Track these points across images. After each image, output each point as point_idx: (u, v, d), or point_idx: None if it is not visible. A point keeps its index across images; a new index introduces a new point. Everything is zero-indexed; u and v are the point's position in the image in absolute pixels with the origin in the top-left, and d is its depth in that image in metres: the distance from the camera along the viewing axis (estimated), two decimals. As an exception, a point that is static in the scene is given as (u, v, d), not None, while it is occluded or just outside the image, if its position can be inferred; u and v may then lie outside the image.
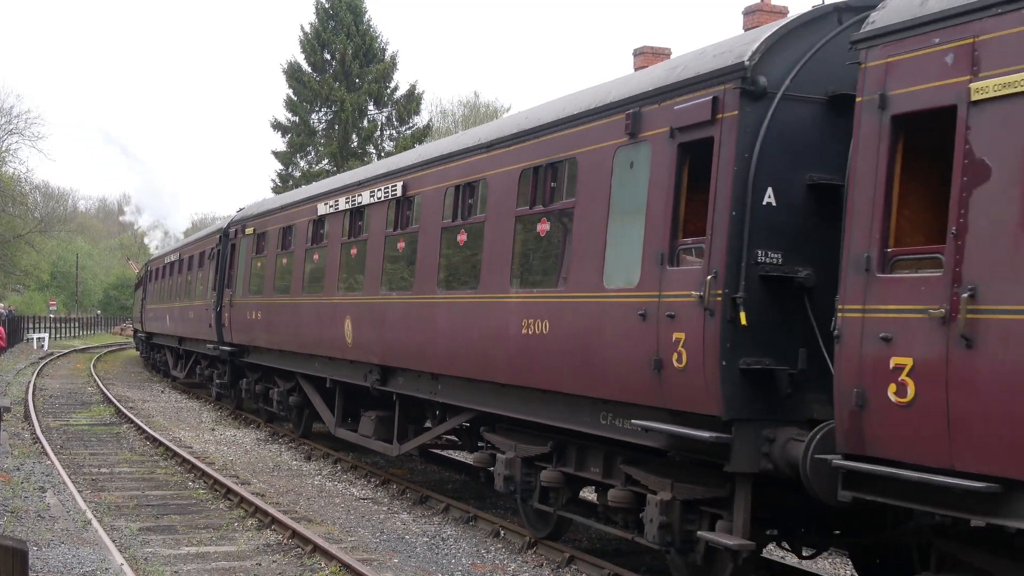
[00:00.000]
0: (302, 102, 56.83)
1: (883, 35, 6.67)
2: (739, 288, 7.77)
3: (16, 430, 21.19)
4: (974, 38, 6.09)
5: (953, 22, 6.23)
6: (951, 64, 6.18)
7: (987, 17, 6.04)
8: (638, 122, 8.90)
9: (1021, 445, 5.73)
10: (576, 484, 10.76)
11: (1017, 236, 5.79)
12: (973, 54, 6.08)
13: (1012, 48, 5.89)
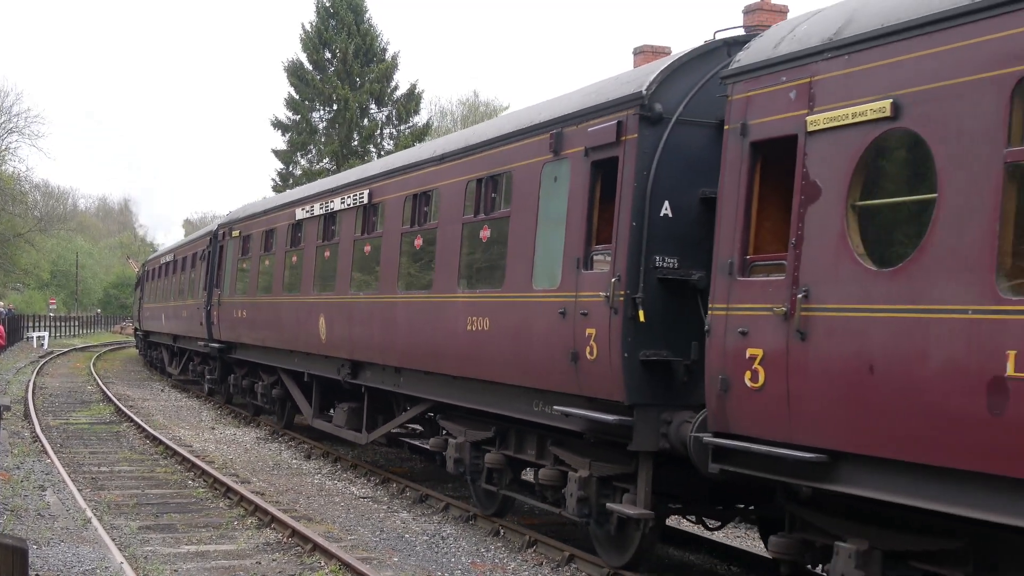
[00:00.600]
0: (303, 100, 58.09)
1: (745, 72, 7.99)
2: (639, 289, 9.09)
3: (16, 429, 21.52)
4: (811, 78, 7.40)
5: (796, 63, 7.54)
6: (794, 99, 7.49)
7: (820, 60, 7.35)
8: (560, 141, 10.24)
9: (842, 422, 7.03)
10: (518, 465, 12.09)
11: (839, 246, 7.09)
12: (810, 91, 7.39)
13: (837, 87, 7.19)
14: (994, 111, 6.10)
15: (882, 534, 7.20)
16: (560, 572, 10.89)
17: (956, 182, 6.31)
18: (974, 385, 6.06)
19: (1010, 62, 6.07)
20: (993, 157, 6.10)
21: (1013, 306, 5.95)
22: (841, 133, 7.10)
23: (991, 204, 6.09)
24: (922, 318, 6.45)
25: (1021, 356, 5.84)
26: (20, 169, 62.19)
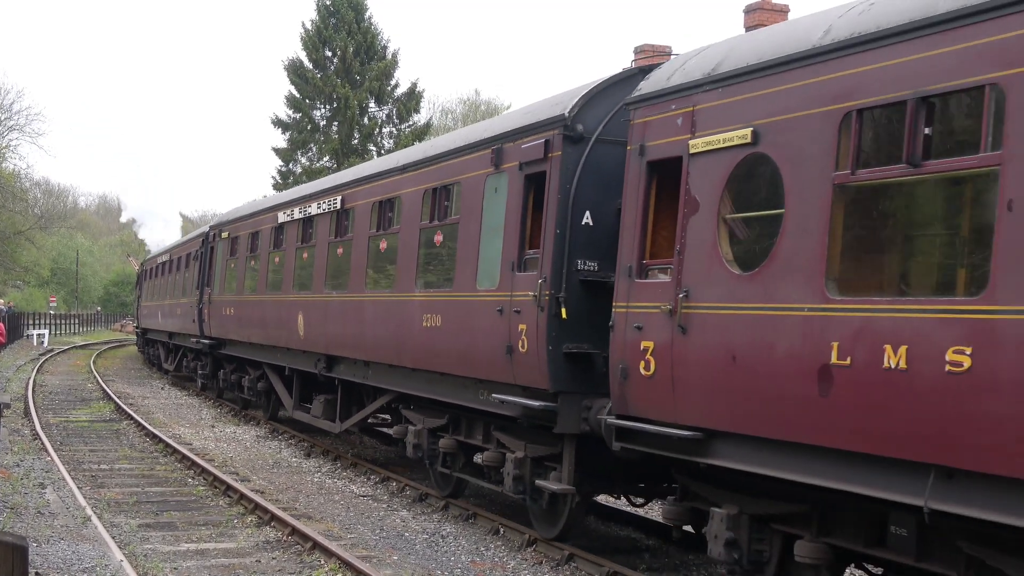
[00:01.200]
0: (303, 99, 59.49)
1: (643, 100, 9.37)
2: (562, 289, 10.48)
3: (16, 426, 21.86)
4: (693, 107, 8.77)
5: (682, 94, 8.92)
6: (680, 125, 8.86)
7: (700, 92, 8.72)
8: (500, 156, 11.64)
9: (713, 404, 8.39)
10: (470, 450, 13.48)
11: (712, 253, 8.46)
12: (693, 119, 8.76)
13: (713, 116, 8.56)
14: (826, 140, 7.46)
15: (749, 501, 8.57)
16: (559, 571, 11.25)
17: (798, 200, 7.67)
18: (809, 371, 7.42)
19: (839, 100, 7.42)
20: (824, 179, 7.45)
21: (837, 305, 7.30)
22: (714, 156, 8.46)
23: (823, 219, 7.45)
24: (771, 315, 7.81)
25: (842, 347, 7.19)
26: (20, 167, 64.23)
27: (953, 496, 6.56)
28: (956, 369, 6.39)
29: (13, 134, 59.77)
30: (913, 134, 6.80)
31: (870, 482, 7.09)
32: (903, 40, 6.99)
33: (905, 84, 6.91)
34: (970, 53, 6.54)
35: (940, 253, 6.93)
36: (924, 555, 7.20)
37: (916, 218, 7.14)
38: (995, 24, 6.41)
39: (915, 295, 6.94)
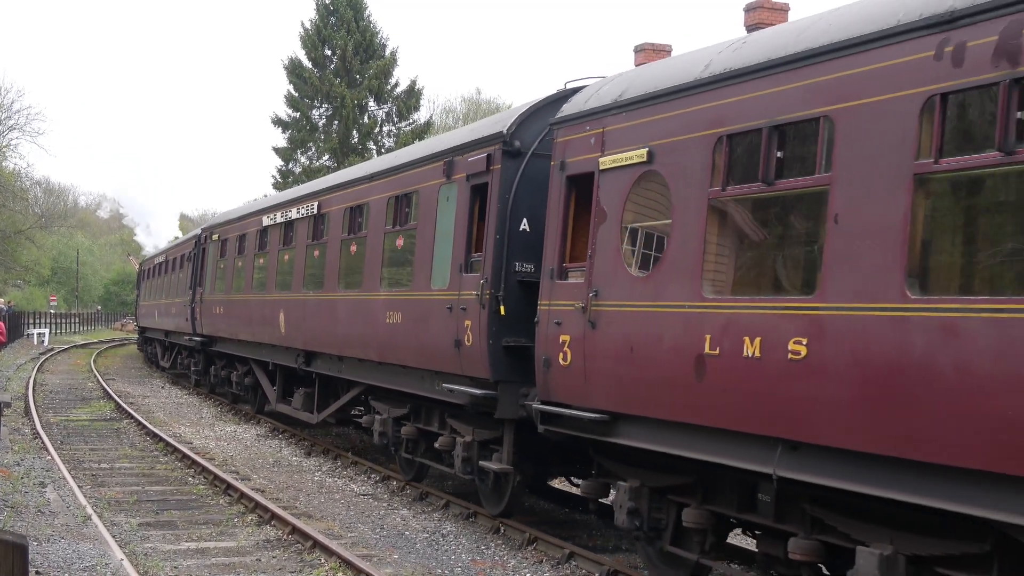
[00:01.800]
0: (303, 98, 60.99)
1: (565, 121, 10.82)
2: (501, 288, 11.92)
3: (16, 425, 22.32)
4: (603, 128, 10.21)
5: (595, 116, 10.36)
6: (593, 144, 10.30)
7: (609, 115, 10.16)
8: (451, 168, 13.10)
9: (616, 390, 9.81)
10: (430, 437, 14.94)
11: (615, 258, 9.89)
12: (603, 139, 10.19)
13: (618, 137, 9.99)
14: (703, 160, 8.89)
15: (648, 475, 10.00)
16: (560, 569, 11.63)
17: (682, 212, 9.10)
18: (688, 360, 8.84)
19: (713, 125, 8.85)
20: (702, 195, 8.88)
21: (710, 303, 8.72)
22: (619, 172, 9.90)
23: (700, 229, 8.87)
24: (660, 312, 9.24)
25: (713, 339, 8.61)
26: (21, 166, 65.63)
27: (797, 465, 7.98)
28: (795, 357, 7.81)
29: (13, 133, 61.28)
30: (767, 157, 8.22)
31: (734, 455, 8.52)
32: (761, 76, 8.41)
33: (762, 114, 8.33)
34: (811, 89, 7.95)
35: (785, 259, 8.33)
36: (781, 517, 8.61)
37: (769, 229, 8.56)
38: (827, 66, 7.82)
39: (765, 295, 8.36)
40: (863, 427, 7.28)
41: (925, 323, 6.88)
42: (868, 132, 7.38)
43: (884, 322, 7.15)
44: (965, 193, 7.01)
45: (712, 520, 9.41)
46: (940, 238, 7.08)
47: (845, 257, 7.48)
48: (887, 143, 7.22)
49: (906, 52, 7.17)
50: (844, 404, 7.46)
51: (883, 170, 7.23)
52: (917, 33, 7.11)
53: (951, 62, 6.85)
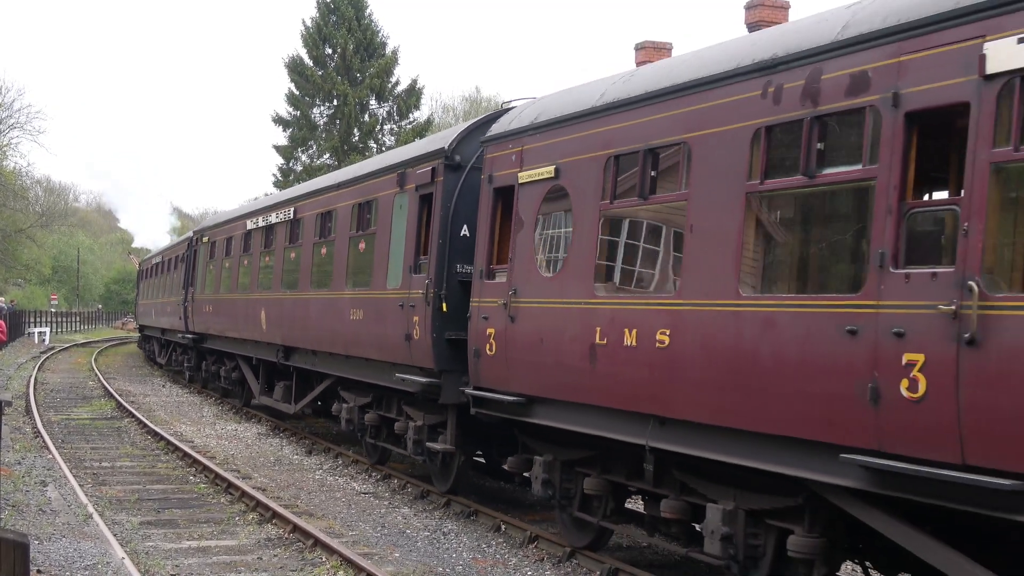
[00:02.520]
0: (303, 96, 62.85)
1: (492, 139, 12.60)
2: (443, 288, 13.69)
3: (17, 424, 22.80)
4: (522, 147, 11.98)
5: (516, 136, 12.13)
6: (514, 161, 12.07)
7: (527, 136, 11.94)
8: (404, 179, 14.89)
9: (530, 376, 11.56)
10: (390, 423, 16.69)
11: (530, 260, 11.66)
12: (522, 156, 11.96)
13: (534, 155, 11.76)
14: (596, 178, 10.64)
15: (559, 450, 11.78)
16: (561, 568, 11.97)
17: (580, 222, 10.86)
18: (583, 349, 10.59)
19: (605, 147, 10.60)
20: (595, 207, 10.64)
21: (600, 300, 10.48)
22: (533, 185, 11.67)
23: (593, 236, 10.63)
24: (563, 307, 11.00)
25: (602, 331, 10.35)
26: (21, 165, 67.13)
27: (665, 437, 9.73)
28: (661, 345, 9.56)
29: (14, 132, 63.13)
30: (643, 176, 9.98)
31: (618, 430, 10.28)
32: (640, 106, 10.17)
33: (641, 138, 10.08)
34: (675, 119, 9.71)
35: (655, 263, 10.08)
36: (659, 483, 10.36)
37: (646, 237, 10.31)
38: (686, 99, 9.58)
39: (640, 293, 10.12)
40: (710, 404, 9.03)
41: (752, 317, 8.62)
42: (714, 156, 9.13)
43: (724, 316, 8.90)
44: (781, 210, 8.76)
45: (610, 488, 11.17)
46: (762, 246, 8.82)
47: (697, 261, 9.23)
48: (727, 166, 8.96)
49: (742, 91, 8.92)
50: (696, 385, 9.21)
51: (724, 189, 8.98)
52: (749, 75, 8.85)
53: (772, 100, 8.59)
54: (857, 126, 7.86)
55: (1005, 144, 6.77)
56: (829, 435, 7.87)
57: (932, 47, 7.28)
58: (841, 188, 8.09)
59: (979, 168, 6.88)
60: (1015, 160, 6.75)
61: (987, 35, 6.90)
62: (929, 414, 7.06)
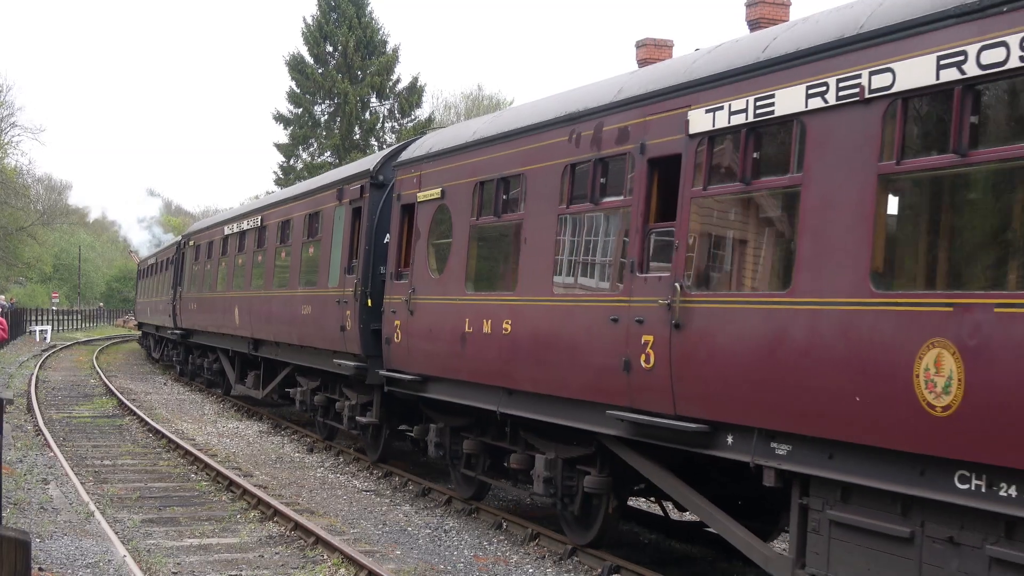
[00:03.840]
0: (304, 94, 66.22)
1: (400, 164, 16.11)
2: (368, 286, 17.18)
3: (19, 422, 23.83)
4: (420, 172, 15.47)
5: (416, 163, 15.64)
6: (415, 183, 15.56)
7: (424, 163, 15.43)
8: (341, 194, 18.42)
9: (426, 359, 15.02)
10: (335, 403, 20.19)
11: (424, 264, 15.13)
12: (420, 180, 15.44)
13: (428, 179, 15.25)
14: (468, 199, 14.10)
15: (449, 419, 15.25)
16: (562, 565, 12.58)
17: (458, 234, 14.32)
18: (458, 336, 14.04)
19: (474, 174, 14.06)
20: (467, 222, 14.09)
21: (468, 297, 13.94)
22: (427, 204, 15.16)
23: (465, 245, 14.09)
24: (445, 303, 14.47)
25: (470, 322, 13.79)
26: (22, 163, 70.99)
27: (511, 405, 13.16)
28: (506, 332, 13.00)
29: (15, 130, 67.00)
30: (497, 199, 13.43)
31: (481, 400, 13.72)
32: (497, 143, 13.62)
33: (496, 169, 13.53)
34: (518, 154, 13.14)
35: (505, 267, 13.51)
36: (513, 442, 13.80)
37: (499, 247, 13.75)
38: (525, 140, 13.02)
39: (493, 291, 13.58)
40: (534, 377, 12.46)
41: (559, 309, 12.06)
42: (540, 185, 12.57)
43: (543, 309, 12.33)
44: (576, 227, 12.17)
45: (484, 448, 14.62)
46: (567, 255, 12.26)
47: (530, 266, 12.66)
48: (547, 193, 12.40)
49: (556, 136, 12.36)
50: (527, 363, 12.63)
51: (545, 211, 12.42)
52: (561, 124, 12.30)
53: (575, 145, 12.03)
54: (622, 167, 11.27)
55: (699, 185, 10.16)
56: (603, 397, 11.26)
57: (662, 112, 10.70)
58: (612, 213, 11.50)
59: (684, 201, 10.28)
60: (704, 195, 10.14)
61: (691, 106, 10.29)
62: (656, 379, 10.46)
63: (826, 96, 8.71)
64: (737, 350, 9.48)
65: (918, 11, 8.06)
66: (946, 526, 7.82)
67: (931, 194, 8.10)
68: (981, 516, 7.55)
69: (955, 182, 7.87)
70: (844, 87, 8.54)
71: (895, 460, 8.04)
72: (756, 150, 9.52)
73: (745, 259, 9.87)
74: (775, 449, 9.19)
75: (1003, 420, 7.16)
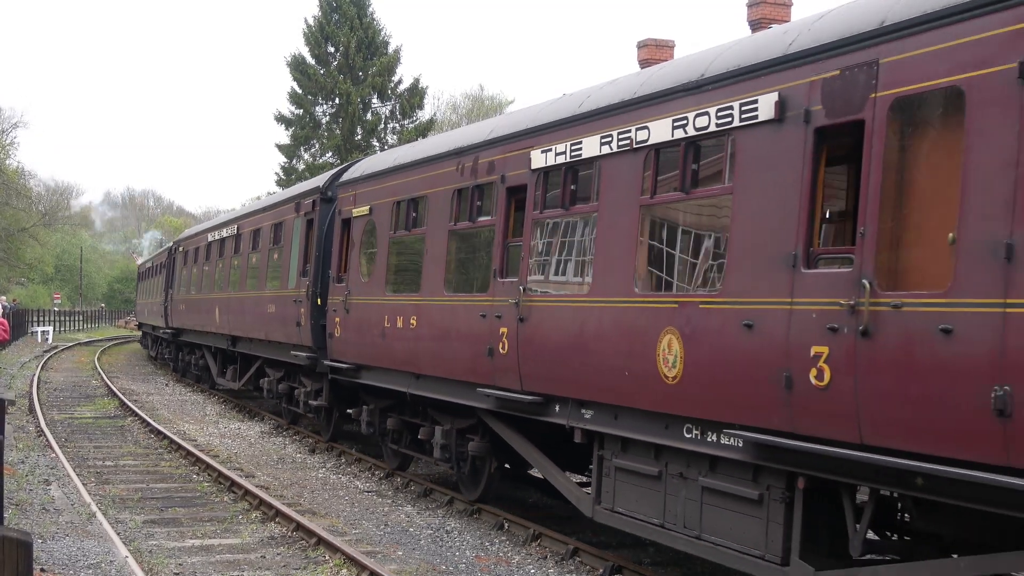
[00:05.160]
0: (306, 95, 69.26)
1: (341, 184, 19.89)
2: (318, 288, 20.88)
3: (21, 423, 24.78)
4: (355, 192, 19.17)
5: (353, 184, 19.36)
6: (352, 201, 19.27)
7: (358, 184, 19.11)
8: (298, 207, 22.19)
9: (357, 349, 18.68)
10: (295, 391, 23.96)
11: (358, 270, 18.81)
12: (355, 198, 19.13)
13: (361, 197, 18.94)
14: (388, 215, 17.75)
15: (378, 401, 18.91)
16: (564, 565, 13.02)
17: (380, 245, 17.98)
18: (379, 330, 17.70)
19: (394, 195, 17.71)
20: (387, 235, 17.76)
21: (387, 298, 17.59)
22: (360, 219, 18.85)
23: (385, 255, 17.74)
24: (370, 303, 18.15)
25: (388, 318, 17.44)
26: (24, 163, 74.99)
27: (418, 387, 16.79)
28: (413, 327, 16.64)
29: (17, 131, 70.71)
30: (407, 216, 17.08)
31: (396, 383, 17.37)
32: (407, 170, 17.28)
33: (408, 191, 17.18)
34: (422, 180, 16.78)
35: (413, 273, 17.11)
36: (424, 418, 17.43)
37: (409, 256, 17.37)
38: (425, 168, 16.65)
39: (404, 293, 17.20)
40: (434, 364, 16.08)
41: (448, 307, 15.68)
42: (436, 206, 16.21)
43: (436, 307, 15.96)
44: (461, 242, 15.78)
45: (404, 425, 18.26)
46: (455, 264, 15.86)
47: (429, 272, 16.29)
48: (440, 213, 16.03)
49: (447, 166, 16.01)
50: (428, 352, 16.27)
51: (439, 228, 16.05)
52: (450, 157, 15.94)
53: (460, 174, 15.65)
54: (491, 193, 14.88)
55: (538, 209, 13.75)
56: (477, 378, 14.86)
57: (515, 150, 14.32)
58: (484, 230, 15.09)
59: (528, 222, 13.89)
60: (541, 217, 13.72)
61: (532, 147, 13.89)
62: (509, 362, 14.05)
63: (612, 144, 12.29)
64: (558, 339, 13.07)
65: (663, 84, 11.64)
66: (679, 465, 11.36)
67: (669, 220, 11.65)
68: (697, 457, 11.07)
69: (682, 211, 11.42)
70: (622, 138, 12.12)
71: (651, 419, 11.56)
72: (573, 183, 13.11)
73: (565, 268, 13.43)
74: (584, 414, 12.75)
75: (704, 385, 10.68)
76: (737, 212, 10.31)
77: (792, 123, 9.71)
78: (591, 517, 12.79)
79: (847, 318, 8.84)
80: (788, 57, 9.91)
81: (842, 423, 8.95)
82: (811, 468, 9.50)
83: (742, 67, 10.49)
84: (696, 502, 11.05)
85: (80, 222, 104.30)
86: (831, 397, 9.03)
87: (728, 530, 10.64)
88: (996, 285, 7.70)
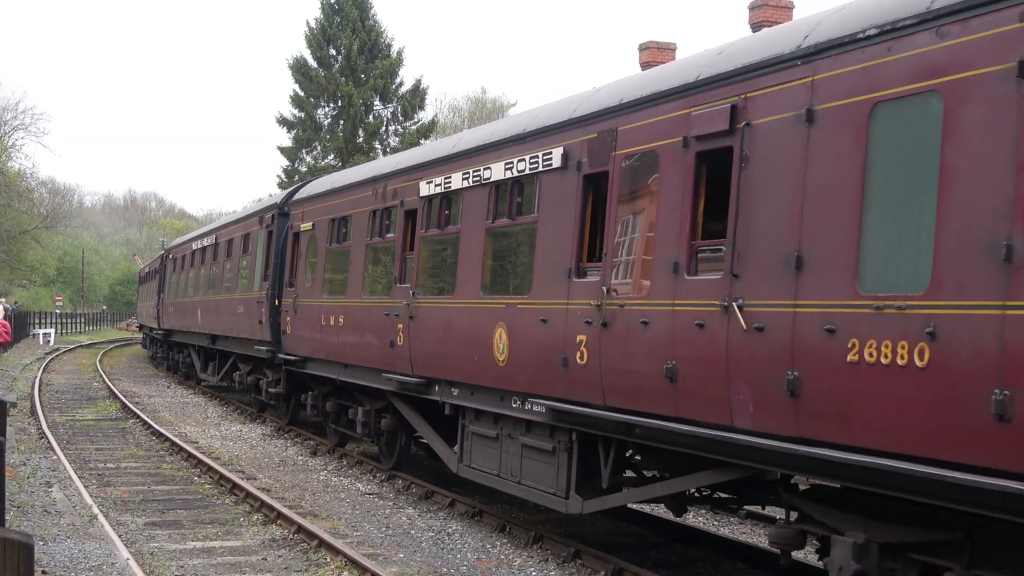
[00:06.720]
0: (308, 97, 72.82)
1: (293, 203, 24.77)
2: (276, 290, 25.67)
3: (22, 425, 25.61)
4: (303, 210, 23.95)
5: (300, 202, 24.21)
6: (300, 217, 24.08)
7: (304, 202, 23.89)
8: (261, 220, 27.14)
9: (308, 345, 23.37)
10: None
11: (304, 275, 23.56)
12: (303, 215, 23.90)
13: (308, 215, 23.68)
14: (327, 230, 22.44)
15: (321, 386, 23.64)
16: (565, 567, 13.33)
17: (321, 255, 22.67)
18: (319, 328, 22.42)
19: (330, 214, 22.40)
20: (325, 247, 22.45)
21: (324, 300, 22.28)
22: (305, 233, 23.76)
23: (323, 264, 22.44)
24: (316, 304, 22.90)
25: (324, 316, 22.12)
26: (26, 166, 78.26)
27: (346, 375, 21.50)
28: (340, 323, 21.29)
29: (18, 133, 74.57)
30: (339, 231, 21.77)
31: (329, 372, 22.08)
32: (339, 193, 21.96)
33: (340, 211, 21.87)
34: (349, 201, 21.44)
35: (343, 278, 21.73)
36: (354, 401, 22.06)
37: (340, 264, 22.01)
38: (351, 191, 21.33)
39: (336, 295, 21.85)
40: (356, 355, 20.74)
41: (363, 307, 20.30)
42: (358, 224, 20.89)
43: (356, 307, 20.61)
44: (375, 254, 20.41)
45: (340, 408, 22.89)
46: (371, 272, 20.50)
47: (352, 278, 20.92)
48: (361, 231, 20.72)
49: (365, 191, 20.74)
50: (351, 345, 20.93)
51: (360, 242, 20.71)
52: (369, 183, 20.64)
53: (375, 198, 20.32)
54: (394, 214, 19.50)
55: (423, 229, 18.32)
56: (383, 365, 19.50)
57: (409, 180, 18.98)
58: (390, 244, 19.70)
59: (418, 239, 18.50)
60: (426, 236, 18.27)
61: (421, 179, 18.49)
62: (404, 352, 18.66)
63: (469, 180, 16.88)
64: (435, 333, 17.70)
65: (500, 135, 16.23)
66: (509, 429, 15.93)
67: (504, 240, 16.18)
68: (519, 421, 15.60)
69: (511, 234, 15.97)
70: (475, 175, 16.71)
71: (492, 394, 16.09)
72: (446, 209, 17.75)
73: (442, 275, 18.00)
74: (453, 392, 17.32)
75: (521, 366, 15.20)
76: (540, 235, 14.85)
77: (571, 170, 14.22)
78: (456, 472, 17.26)
79: (595, 314, 13.34)
80: (570, 122, 14.46)
81: (594, 391, 13.42)
82: (580, 425, 13.95)
83: (543, 127, 15.07)
84: (518, 456, 15.50)
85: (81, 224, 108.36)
86: (587, 372, 13.53)
87: (537, 475, 14.99)
88: (670, 291, 12.12)
